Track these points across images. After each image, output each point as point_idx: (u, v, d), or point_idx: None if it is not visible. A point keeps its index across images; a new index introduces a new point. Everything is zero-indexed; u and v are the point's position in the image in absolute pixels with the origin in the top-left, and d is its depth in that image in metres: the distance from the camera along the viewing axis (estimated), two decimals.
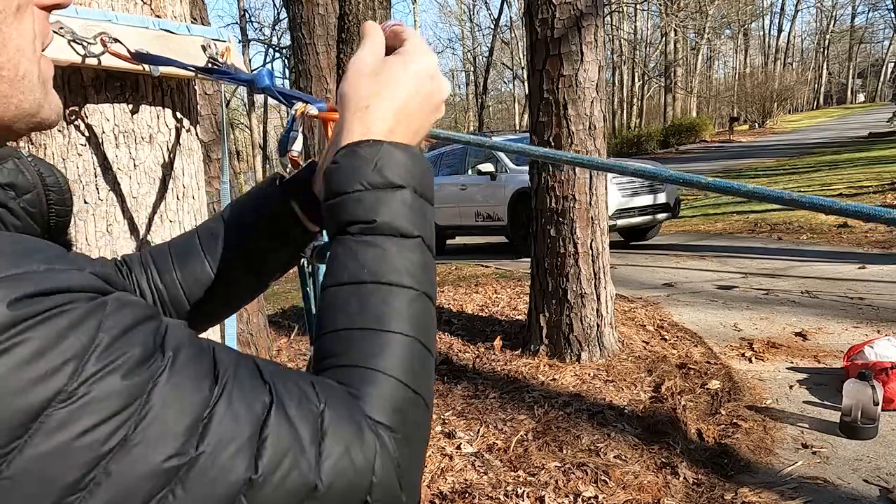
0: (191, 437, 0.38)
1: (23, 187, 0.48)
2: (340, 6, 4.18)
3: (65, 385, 0.35)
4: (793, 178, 12.94)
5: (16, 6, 0.45)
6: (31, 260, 0.38)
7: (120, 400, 0.36)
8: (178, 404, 0.38)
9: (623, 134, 31.81)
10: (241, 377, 0.43)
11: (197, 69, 1.02)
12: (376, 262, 0.52)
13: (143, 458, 0.37)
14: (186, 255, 0.75)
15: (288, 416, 0.42)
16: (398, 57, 0.59)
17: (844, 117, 34.67)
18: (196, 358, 0.41)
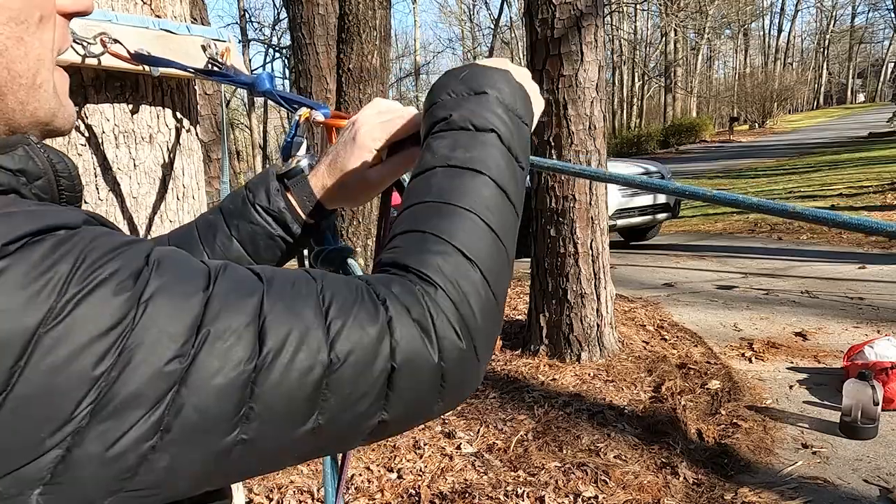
0: (189, 338, 0.39)
1: (34, 173, 0.48)
2: (340, 6, 4.17)
3: (53, 303, 0.36)
4: (793, 179, 12.94)
5: (38, 17, 0.45)
6: (28, 204, 0.40)
7: (111, 312, 0.37)
8: (172, 308, 0.39)
9: (623, 134, 31.80)
10: (231, 272, 0.44)
11: (197, 71, 1.02)
12: (450, 150, 0.54)
13: (143, 365, 0.37)
14: (185, 246, 0.76)
15: (284, 299, 0.43)
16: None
17: (844, 117, 34.67)
18: (184, 262, 0.43)
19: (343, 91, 4.30)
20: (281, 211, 0.73)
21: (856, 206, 8.67)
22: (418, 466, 2.70)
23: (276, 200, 0.73)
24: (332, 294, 0.45)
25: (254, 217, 0.74)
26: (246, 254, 0.75)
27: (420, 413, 0.48)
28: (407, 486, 2.57)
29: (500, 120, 0.56)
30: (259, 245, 0.75)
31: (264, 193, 0.74)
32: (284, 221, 0.74)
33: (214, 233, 0.75)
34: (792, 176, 13.42)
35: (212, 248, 0.75)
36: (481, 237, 0.50)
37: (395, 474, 2.67)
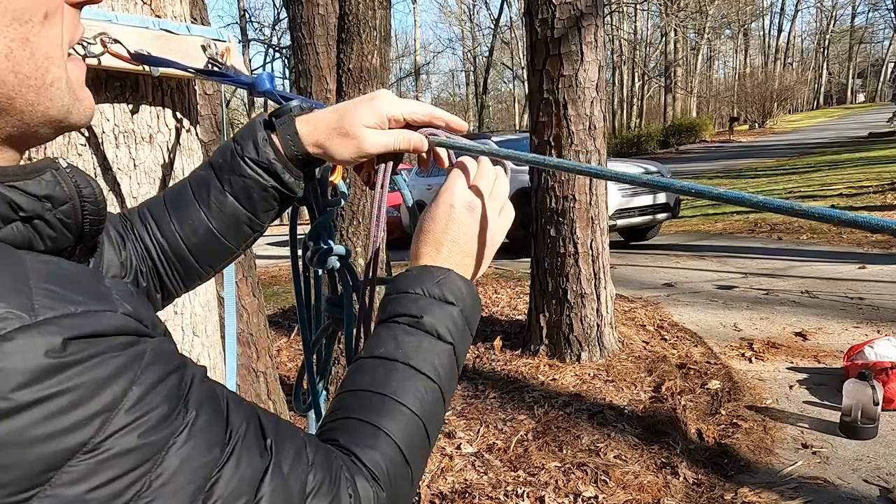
0: (196, 498, 0.40)
1: (59, 199, 0.48)
2: (340, 6, 4.17)
3: (92, 437, 0.36)
4: (793, 178, 12.94)
5: (43, 14, 0.44)
6: (67, 300, 0.38)
7: (140, 456, 0.37)
8: (191, 465, 0.40)
9: (623, 134, 31.79)
10: (249, 438, 0.46)
11: (197, 71, 1.02)
12: (410, 348, 0.59)
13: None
14: (181, 205, 0.76)
15: (283, 475, 0.46)
16: (480, 214, 0.68)
17: (844, 117, 34.67)
18: (213, 420, 0.43)
19: (343, 91, 4.30)
20: (270, 162, 0.72)
21: (856, 206, 8.67)
22: None
23: (264, 151, 0.72)
24: (314, 474, 0.49)
25: (244, 170, 0.72)
26: (242, 208, 0.74)
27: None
28: None
29: (459, 333, 0.63)
30: (254, 198, 0.74)
31: (252, 145, 0.72)
32: (275, 172, 0.72)
33: (208, 189, 0.75)
34: (792, 176, 13.42)
35: (207, 206, 0.75)
36: (421, 441, 0.58)
37: None
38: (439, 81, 50.91)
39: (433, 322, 0.61)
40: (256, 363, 2.98)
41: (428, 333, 0.60)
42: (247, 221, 0.76)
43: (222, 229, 0.76)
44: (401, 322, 0.61)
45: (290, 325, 5.30)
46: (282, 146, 0.72)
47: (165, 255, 0.76)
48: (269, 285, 7.49)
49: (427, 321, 0.60)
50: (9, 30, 0.42)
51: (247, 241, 0.79)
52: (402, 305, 0.62)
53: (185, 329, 1.20)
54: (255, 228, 0.77)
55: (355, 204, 3.72)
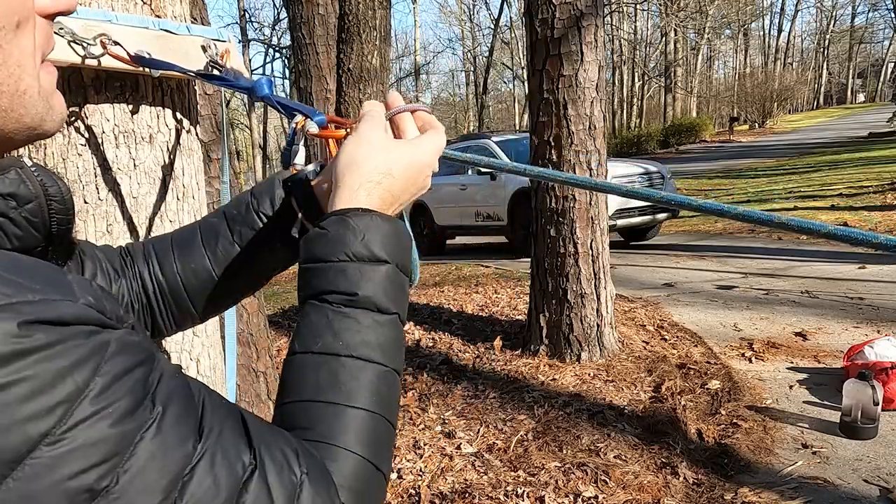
0: (169, 495, 0.38)
1: (24, 197, 0.48)
2: (340, 6, 4.17)
3: (53, 427, 0.34)
4: (793, 178, 12.94)
5: (16, 22, 0.43)
6: (25, 288, 0.37)
7: (106, 448, 0.36)
8: (162, 460, 0.38)
9: (623, 134, 31.80)
10: (226, 437, 0.43)
11: (197, 75, 1.02)
12: (351, 335, 0.53)
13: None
14: (187, 248, 0.76)
15: (268, 483, 0.43)
16: (411, 146, 0.63)
17: (844, 117, 34.68)
18: (185, 413, 0.41)
19: (343, 91, 4.29)
20: (285, 215, 0.73)
21: (856, 206, 8.67)
22: (418, 466, 2.70)
23: (282, 206, 0.73)
24: (306, 480, 0.46)
25: (257, 225, 0.74)
26: (247, 258, 0.76)
27: None
28: (407, 486, 2.57)
29: (403, 295, 0.57)
30: (261, 248, 0.75)
31: (269, 202, 0.74)
32: (288, 228, 0.73)
33: (216, 237, 0.75)
34: (792, 176, 13.42)
35: (213, 252, 0.75)
36: (381, 439, 0.53)
37: (394, 474, 2.67)
38: (439, 81, 50.92)
39: (369, 295, 0.54)
40: (256, 363, 2.98)
41: (367, 310, 0.54)
42: (270, 273, 0.78)
43: (223, 278, 0.76)
44: (332, 301, 0.54)
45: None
46: (301, 211, 0.73)
47: (162, 294, 0.76)
48: (269, 285, 7.49)
49: (362, 296, 0.53)
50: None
51: (246, 294, 0.80)
52: (326, 279, 0.54)
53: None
54: (256, 285, 0.79)
55: None
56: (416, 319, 5.02)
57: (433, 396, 3.49)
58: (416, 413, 3.28)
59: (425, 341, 4.48)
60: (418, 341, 4.47)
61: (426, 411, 3.29)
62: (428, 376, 3.78)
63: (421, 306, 5.40)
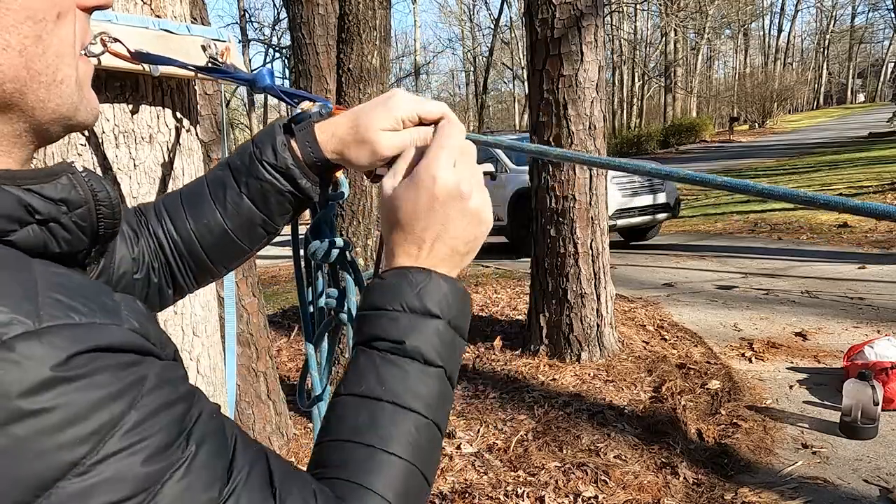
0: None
1: (75, 202, 0.48)
2: (340, 6, 4.17)
3: (83, 458, 0.34)
4: (793, 178, 12.94)
5: (56, 14, 0.45)
6: (73, 310, 0.37)
7: (133, 485, 0.36)
8: (187, 502, 0.38)
9: (623, 134, 31.80)
10: (252, 483, 0.43)
11: (197, 69, 1.02)
12: (395, 382, 0.53)
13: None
14: (197, 204, 0.76)
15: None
16: (460, 200, 0.60)
17: (844, 117, 34.67)
18: (217, 455, 0.42)
19: (343, 91, 4.29)
20: (288, 167, 0.72)
21: None
22: None
23: (283, 157, 0.72)
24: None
25: (261, 174, 0.72)
26: (258, 210, 0.74)
27: None
28: None
29: (450, 352, 0.56)
30: (270, 201, 0.74)
31: (271, 149, 0.72)
32: (292, 177, 0.72)
33: (224, 190, 0.75)
34: (792, 176, 13.42)
35: (223, 206, 0.75)
36: (419, 491, 0.52)
37: None
38: (439, 81, 50.94)
39: (417, 346, 0.54)
40: (256, 363, 2.98)
41: (413, 360, 0.54)
42: (261, 224, 0.76)
43: (237, 230, 0.76)
44: (380, 349, 0.55)
45: (290, 325, 5.30)
46: (301, 153, 0.72)
47: (179, 252, 0.77)
48: (269, 285, 7.49)
49: (410, 346, 0.54)
50: (23, 27, 0.43)
51: (260, 242, 0.79)
52: (379, 326, 0.55)
53: (185, 329, 1.20)
54: (269, 231, 0.78)
55: (355, 204, 3.72)
56: None
57: None
58: None
59: None
60: None
61: None
62: None
63: None
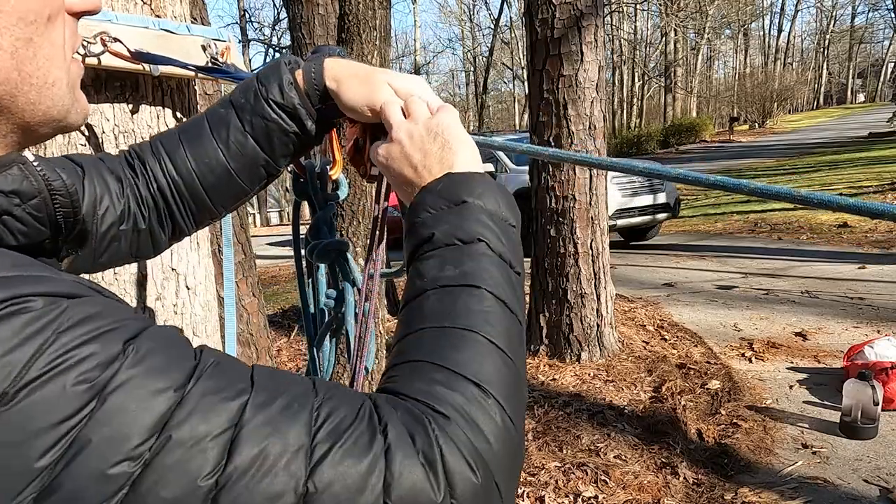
0: (147, 440, 0.36)
1: (28, 193, 0.48)
2: (340, 6, 4.17)
3: (8, 388, 0.33)
4: (793, 178, 12.94)
5: (46, 16, 0.45)
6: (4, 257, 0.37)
7: (67, 402, 0.34)
8: (134, 404, 0.36)
9: (623, 134, 31.79)
10: (219, 370, 0.40)
11: (197, 69, 1.02)
12: (436, 269, 0.52)
13: (88, 463, 0.34)
14: (197, 142, 0.74)
15: (269, 411, 0.39)
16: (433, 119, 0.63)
17: (844, 117, 34.66)
18: (168, 351, 0.39)
19: None
20: (295, 107, 0.70)
21: None
22: None
23: (290, 96, 0.70)
24: (328, 412, 0.41)
25: (267, 113, 0.70)
26: (261, 150, 0.73)
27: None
28: None
29: (485, 227, 0.54)
30: (273, 141, 0.72)
31: (277, 87, 0.70)
32: (299, 118, 0.71)
33: (227, 128, 0.72)
34: (792, 176, 13.41)
35: (226, 145, 0.73)
36: (487, 358, 0.47)
37: None
38: (439, 81, 50.90)
39: (446, 230, 0.53)
40: (257, 363, 2.98)
41: (447, 246, 0.53)
42: (264, 164, 0.74)
43: (240, 170, 0.74)
44: (420, 256, 0.54)
45: (290, 325, 5.30)
46: (303, 79, 0.70)
47: (179, 193, 0.74)
48: (269, 285, 7.49)
49: (439, 235, 0.53)
50: (14, 29, 0.43)
51: (261, 182, 0.77)
52: (415, 236, 0.55)
53: (185, 329, 1.20)
54: (270, 171, 0.76)
55: (355, 204, 3.72)
56: None
57: None
58: None
59: None
60: None
61: None
62: None
63: None
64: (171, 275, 1.20)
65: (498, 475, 0.43)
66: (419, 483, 0.39)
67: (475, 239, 0.53)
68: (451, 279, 0.51)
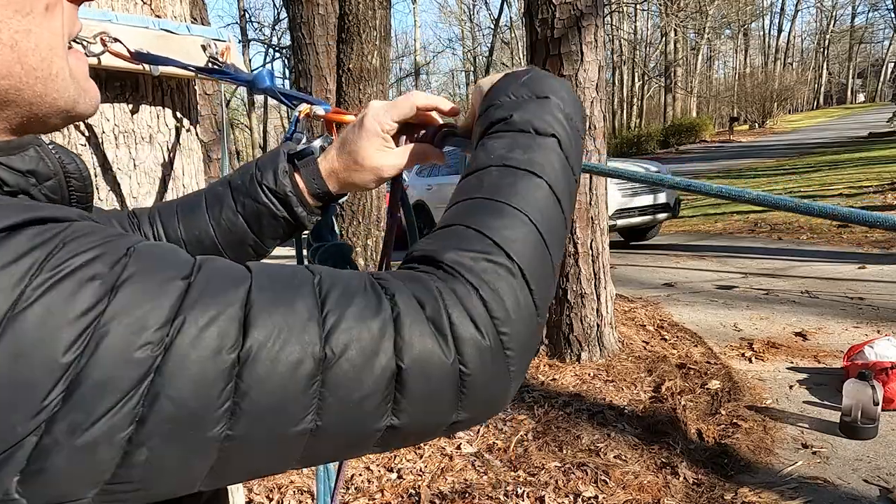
0: (164, 324, 0.37)
1: (44, 174, 0.49)
2: (340, 6, 4.17)
3: (23, 288, 0.35)
4: (793, 178, 12.94)
5: (44, 6, 0.45)
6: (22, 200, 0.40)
7: (82, 298, 0.36)
8: (146, 293, 0.38)
9: (623, 134, 31.79)
10: (217, 262, 0.43)
11: (197, 69, 1.02)
12: (505, 149, 0.53)
13: (112, 351, 0.36)
14: (191, 214, 0.78)
15: (275, 289, 0.41)
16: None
17: (844, 117, 34.66)
18: (167, 253, 0.42)
19: (343, 91, 4.29)
20: (287, 194, 0.74)
21: (856, 206, 8.58)
22: (418, 466, 2.70)
23: (282, 183, 0.74)
24: (330, 284, 0.43)
25: (260, 197, 0.74)
26: (250, 230, 0.76)
27: (436, 422, 0.44)
28: (407, 486, 2.57)
29: (561, 126, 0.55)
30: (263, 223, 0.76)
31: (272, 174, 0.74)
32: (289, 204, 0.74)
33: (221, 206, 0.76)
34: (792, 176, 13.41)
35: (217, 222, 0.76)
36: (528, 239, 0.48)
37: (394, 474, 2.67)
38: (439, 81, 50.89)
39: (526, 118, 0.55)
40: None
41: (521, 131, 0.54)
42: (252, 244, 0.78)
43: (226, 245, 0.77)
44: (491, 133, 0.56)
45: None
46: (305, 185, 0.74)
47: None
48: None
49: (516, 119, 0.55)
50: (12, 21, 0.42)
51: (248, 259, 0.80)
52: (489, 118, 0.57)
53: None
54: (258, 251, 0.79)
55: (355, 204, 3.72)
56: None
57: None
58: None
59: None
60: None
61: None
62: None
63: None
64: None
65: (512, 345, 0.44)
66: (429, 346, 0.42)
67: (550, 133, 0.54)
68: (517, 161, 0.52)
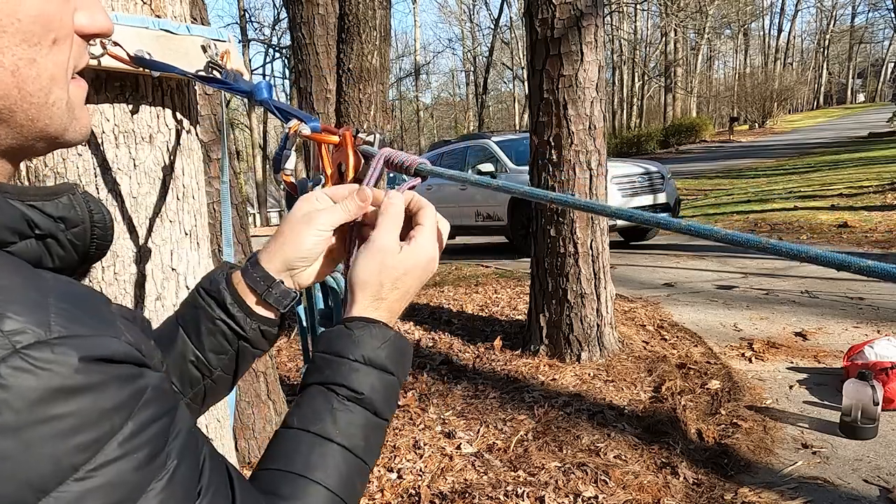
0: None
1: (73, 221, 0.50)
2: (340, 6, 4.18)
3: (83, 464, 0.36)
4: (793, 179, 12.94)
5: (52, 39, 0.45)
6: (76, 320, 0.39)
7: (124, 490, 0.38)
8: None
9: (623, 134, 31.80)
10: (217, 501, 0.46)
11: (196, 77, 1.02)
12: (347, 427, 0.59)
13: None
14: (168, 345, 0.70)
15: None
16: (416, 251, 0.66)
17: (844, 117, 34.66)
18: (193, 471, 0.44)
19: (343, 91, 4.29)
20: (220, 290, 0.68)
21: (856, 206, 8.67)
22: (418, 466, 2.70)
23: (215, 280, 0.69)
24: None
25: (197, 300, 0.69)
26: (189, 341, 0.69)
27: None
28: (407, 486, 2.57)
29: (393, 405, 0.63)
30: (201, 331, 0.69)
31: (208, 277, 0.70)
32: (223, 302, 0.68)
33: (175, 342, 0.70)
34: (792, 176, 13.41)
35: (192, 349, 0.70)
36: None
37: (395, 474, 2.67)
38: (439, 81, 50.89)
39: (372, 399, 0.60)
40: (256, 363, 2.98)
41: (366, 410, 0.60)
42: (193, 360, 0.68)
43: (172, 365, 0.69)
44: (340, 394, 0.60)
45: (289, 326, 5.30)
46: (243, 276, 0.68)
47: None
48: None
49: (368, 399, 0.60)
50: (18, 49, 0.43)
51: (195, 388, 0.70)
52: (340, 374, 0.60)
53: None
54: (202, 371, 0.69)
55: None
56: (417, 319, 5.02)
57: (433, 396, 3.49)
58: (416, 413, 3.28)
59: (425, 341, 4.48)
60: (418, 341, 4.47)
61: (426, 411, 3.29)
62: (428, 376, 3.78)
63: (421, 306, 5.40)
64: (171, 275, 1.21)
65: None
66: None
67: (385, 417, 0.63)
68: (354, 445, 0.60)
